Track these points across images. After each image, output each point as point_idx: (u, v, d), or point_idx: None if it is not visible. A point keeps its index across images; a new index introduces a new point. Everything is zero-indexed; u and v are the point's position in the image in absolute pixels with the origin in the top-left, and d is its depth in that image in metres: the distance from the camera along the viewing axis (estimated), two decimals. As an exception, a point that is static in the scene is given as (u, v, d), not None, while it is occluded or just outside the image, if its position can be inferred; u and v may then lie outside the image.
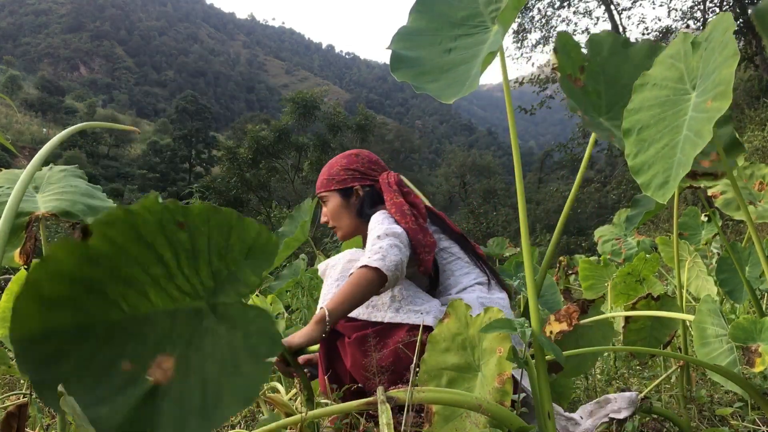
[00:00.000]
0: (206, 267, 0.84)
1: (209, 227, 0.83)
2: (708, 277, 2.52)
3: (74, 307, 0.77)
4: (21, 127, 44.65)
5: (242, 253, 0.84)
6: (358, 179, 1.81)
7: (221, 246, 0.84)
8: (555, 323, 1.44)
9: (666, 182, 1.06)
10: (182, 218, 0.81)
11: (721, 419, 1.75)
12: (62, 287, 0.76)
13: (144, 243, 0.81)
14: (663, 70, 1.21)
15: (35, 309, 0.75)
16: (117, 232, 0.79)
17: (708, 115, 1.02)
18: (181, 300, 0.83)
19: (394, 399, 1.03)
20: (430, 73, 1.22)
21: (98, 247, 0.78)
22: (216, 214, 0.82)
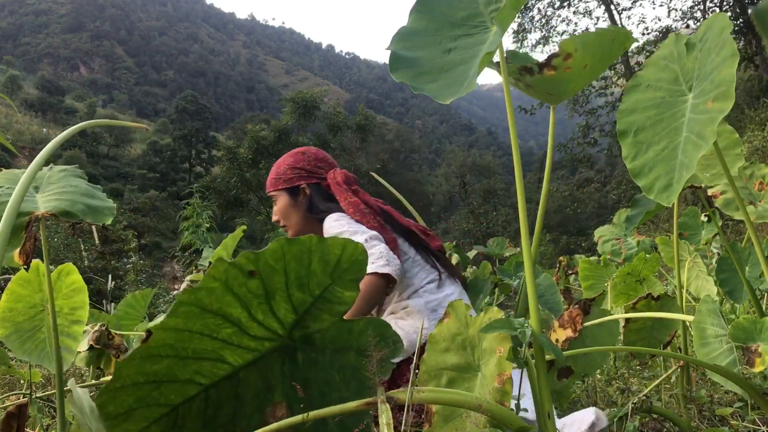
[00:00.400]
0: (284, 303, 0.80)
1: (285, 262, 0.77)
2: (708, 277, 2.52)
3: (146, 406, 0.74)
4: (21, 127, 44.65)
5: (327, 275, 0.79)
6: (305, 177, 1.80)
7: (301, 275, 0.79)
8: (560, 330, 1.42)
9: (669, 185, 1.06)
10: (253, 266, 0.76)
11: (721, 419, 1.75)
12: (128, 397, 0.74)
13: (209, 312, 0.77)
14: (656, 71, 1.21)
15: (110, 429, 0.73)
16: (178, 318, 0.75)
17: (709, 116, 1.02)
18: (260, 347, 0.79)
19: (394, 399, 1.03)
20: (429, 73, 1.21)
21: (158, 340, 0.75)
22: (291, 246, 0.77)
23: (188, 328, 0.77)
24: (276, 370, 0.78)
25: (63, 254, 12.11)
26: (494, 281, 2.85)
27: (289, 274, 0.78)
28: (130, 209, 29.85)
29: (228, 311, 0.78)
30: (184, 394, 0.76)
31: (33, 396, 1.89)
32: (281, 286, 0.78)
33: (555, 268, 3.55)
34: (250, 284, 0.78)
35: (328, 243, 0.77)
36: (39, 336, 1.88)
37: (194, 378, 0.77)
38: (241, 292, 0.77)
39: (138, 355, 0.74)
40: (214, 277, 0.76)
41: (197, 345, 0.77)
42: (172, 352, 0.76)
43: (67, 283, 1.89)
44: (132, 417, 0.74)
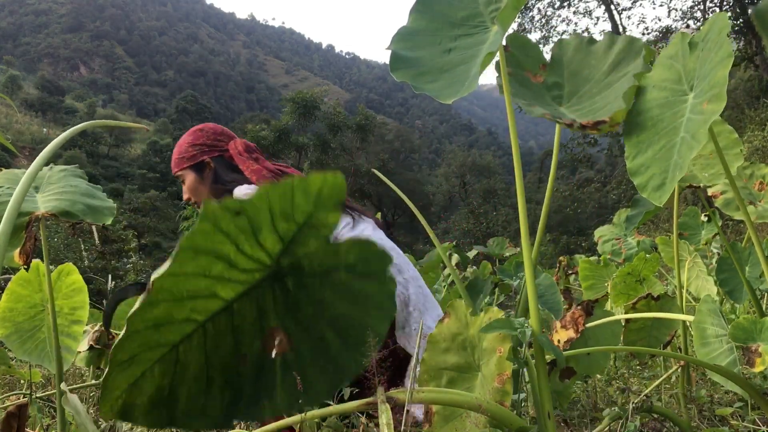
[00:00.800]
0: (271, 235, 0.83)
1: (269, 201, 0.81)
2: (708, 277, 2.52)
3: (147, 348, 0.78)
4: (21, 127, 44.64)
5: (310, 204, 0.82)
6: (207, 152, 1.86)
7: (286, 208, 0.82)
8: (561, 331, 1.42)
9: (663, 184, 1.06)
10: (238, 207, 0.79)
11: (721, 419, 1.75)
12: (131, 346, 0.77)
13: (202, 253, 0.80)
14: (662, 71, 1.21)
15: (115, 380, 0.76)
16: (175, 265, 0.77)
17: (704, 117, 1.02)
18: (251, 278, 0.83)
19: (394, 399, 1.03)
20: (430, 73, 1.21)
21: (157, 289, 0.77)
22: (275, 189, 0.80)
23: (183, 271, 0.81)
24: (268, 298, 0.82)
25: (63, 254, 12.10)
26: (494, 281, 2.85)
27: (274, 210, 0.82)
28: (130, 209, 29.85)
29: (218, 248, 0.82)
30: (182, 332, 0.80)
31: (33, 396, 1.89)
32: (267, 221, 0.82)
33: (555, 268, 3.55)
34: (238, 221, 0.82)
35: (309, 179, 0.82)
36: (39, 336, 1.88)
37: (190, 316, 0.81)
38: (230, 228, 0.81)
39: (140, 307, 0.78)
40: (206, 218, 0.81)
41: (191, 285, 0.81)
42: (169, 297, 0.80)
43: (67, 283, 1.89)
44: (135, 361, 0.78)
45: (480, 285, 2.53)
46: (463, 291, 1.75)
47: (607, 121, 1.20)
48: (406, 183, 28.16)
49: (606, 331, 1.54)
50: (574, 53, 1.43)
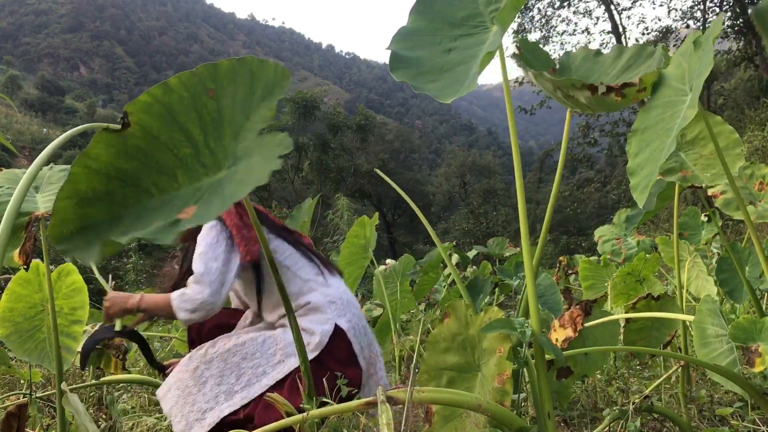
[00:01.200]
0: (229, 128, 0.93)
1: (235, 84, 0.92)
2: (708, 277, 2.52)
3: (109, 201, 0.88)
4: (21, 127, 44.61)
5: (261, 97, 0.93)
6: None
7: (245, 98, 0.93)
8: (560, 330, 1.42)
9: (646, 186, 1.06)
10: (212, 84, 0.92)
11: (721, 419, 1.75)
12: (100, 184, 0.88)
13: (177, 125, 0.91)
14: (673, 68, 1.21)
15: (72, 209, 0.86)
16: (153, 118, 0.90)
17: (680, 122, 1.03)
18: (205, 176, 0.92)
19: (394, 399, 1.03)
20: (430, 73, 1.22)
21: (135, 140, 0.89)
22: (241, 66, 0.93)
23: (158, 136, 0.91)
24: (208, 192, 0.89)
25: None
26: (494, 281, 2.85)
27: (237, 97, 0.93)
28: (130, 209, 29.73)
29: (190, 129, 0.92)
30: (139, 201, 0.89)
31: (33, 396, 1.89)
32: (229, 110, 0.93)
33: (555, 268, 3.55)
34: (209, 104, 0.93)
35: (265, 66, 0.94)
36: (39, 336, 1.88)
37: (150, 188, 0.90)
38: (203, 111, 0.92)
39: (116, 146, 0.89)
40: (185, 86, 0.92)
41: (162, 157, 0.91)
42: (142, 158, 0.90)
43: (67, 283, 1.89)
44: (96, 205, 0.87)
45: (480, 285, 2.53)
46: (463, 291, 1.75)
47: (635, 84, 1.17)
48: (406, 183, 28.14)
49: (604, 331, 1.54)
50: (582, 62, 1.45)
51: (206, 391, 1.61)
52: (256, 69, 0.94)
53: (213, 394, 1.61)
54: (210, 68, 0.92)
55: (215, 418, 1.57)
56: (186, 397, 1.62)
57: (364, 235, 2.89)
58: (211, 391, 1.61)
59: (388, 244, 26.61)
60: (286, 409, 1.25)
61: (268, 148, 0.86)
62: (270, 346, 1.67)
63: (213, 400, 1.60)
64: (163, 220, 0.83)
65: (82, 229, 0.85)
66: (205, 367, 1.65)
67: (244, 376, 1.63)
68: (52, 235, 0.84)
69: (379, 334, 3.22)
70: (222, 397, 1.60)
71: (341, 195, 18.54)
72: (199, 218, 0.82)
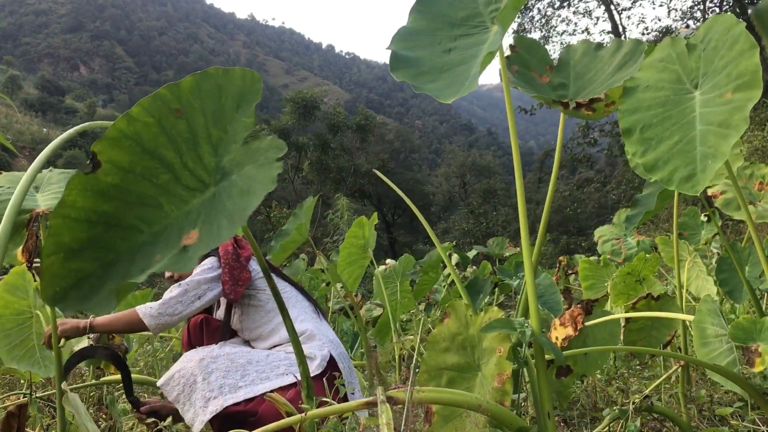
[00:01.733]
0: (207, 145, 0.90)
1: (201, 99, 0.90)
2: (708, 277, 2.52)
3: (97, 248, 0.85)
4: (21, 127, 44.60)
5: (234, 108, 0.90)
6: None
7: (216, 111, 0.90)
8: (560, 328, 1.42)
9: (693, 175, 1.07)
10: (178, 104, 0.89)
11: (721, 419, 1.75)
12: (82, 233, 0.85)
13: (148, 154, 0.88)
14: (655, 73, 1.23)
15: (60, 264, 0.82)
16: (122, 152, 0.87)
17: (733, 105, 1.05)
18: (192, 198, 0.90)
19: (394, 399, 1.03)
20: (430, 73, 1.22)
21: (108, 179, 0.86)
22: (204, 80, 0.90)
23: (132, 169, 0.88)
24: (200, 212, 0.87)
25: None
26: (494, 281, 2.85)
27: (207, 112, 0.90)
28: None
29: (163, 154, 0.89)
30: (129, 240, 0.86)
31: (33, 396, 1.89)
32: (202, 126, 0.90)
33: (555, 268, 3.55)
34: (179, 126, 0.90)
35: (230, 74, 0.90)
36: (28, 343, 1.89)
37: (137, 224, 0.87)
38: (173, 134, 0.89)
39: (91, 189, 0.85)
40: (149, 112, 0.89)
41: (140, 189, 0.87)
42: (120, 195, 0.87)
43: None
44: (84, 255, 0.83)
45: (480, 285, 2.53)
46: (463, 291, 1.75)
47: (602, 99, 1.22)
48: (406, 183, 28.14)
49: (604, 330, 1.54)
50: (581, 57, 1.45)
51: (211, 381, 1.64)
52: (222, 80, 0.90)
53: (218, 385, 1.64)
54: (173, 88, 0.89)
55: (218, 406, 1.60)
56: (192, 385, 1.65)
57: (362, 236, 2.89)
58: (216, 382, 1.64)
59: (387, 244, 26.60)
60: (286, 409, 1.25)
61: (260, 154, 0.85)
62: (274, 360, 1.74)
63: (217, 390, 1.63)
64: (165, 253, 0.81)
65: (76, 284, 0.81)
66: (212, 360, 1.68)
67: (248, 376, 1.67)
68: (44, 297, 0.80)
69: (379, 334, 3.23)
70: (226, 389, 1.63)
71: (341, 195, 18.53)
72: (205, 242, 0.79)
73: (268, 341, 1.85)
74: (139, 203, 0.87)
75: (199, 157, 0.90)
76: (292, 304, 1.90)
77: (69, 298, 0.81)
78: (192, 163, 0.90)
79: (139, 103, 0.88)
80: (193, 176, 0.90)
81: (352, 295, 3.06)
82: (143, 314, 1.74)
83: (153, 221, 0.87)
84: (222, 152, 0.90)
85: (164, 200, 0.88)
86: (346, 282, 2.96)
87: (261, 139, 0.87)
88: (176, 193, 0.89)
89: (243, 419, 1.60)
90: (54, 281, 0.81)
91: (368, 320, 3.86)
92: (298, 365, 1.35)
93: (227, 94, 0.90)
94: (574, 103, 1.24)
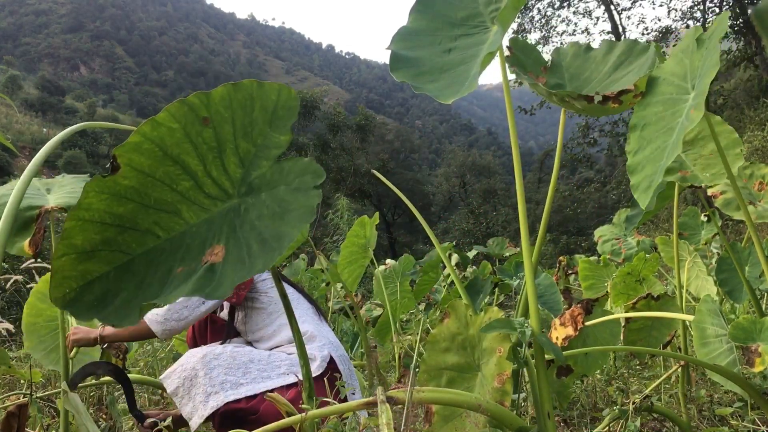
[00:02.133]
0: (233, 156, 0.87)
1: (232, 110, 0.86)
2: (708, 277, 2.52)
3: (109, 250, 0.83)
4: (21, 127, 44.56)
5: (267, 122, 0.87)
6: None
7: (246, 124, 0.87)
8: (560, 328, 1.42)
9: (649, 187, 1.06)
10: (206, 113, 0.85)
11: (721, 419, 1.75)
12: (95, 234, 0.82)
13: (170, 159, 0.85)
14: (673, 64, 1.20)
15: (71, 265, 0.80)
16: (143, 156, 0.84)
17: (687, 124, 1.01)
18: (213, 207, 0.87)
19: (394, 399, 1.03)
20: (430, 73, 1.21)
21: (126, 181, 0.84)
22: (237, 91, 0.86)
23: (151, 173, 0.84)
24: (223, 224, 0.85)
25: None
26: (494, 281, 2.85)
27: (236, 123, 0.86)
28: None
29: (186, 161, 0.86)
30: (144, 244, 0.84)
31: (33, 396, 1.90)
32: (230, 136, 0.87)
33: (555, 268, 3.55)
34: (204, 134, 0.86)
35: (266, 88, 0.87)
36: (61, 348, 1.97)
37: (153, 229, 0.84)
38: (198, 141, 0.86)
39: (107, 191, 0.82)
40: (174, 117, 0.85)
41: (159, 194, 0.84)
42: (137, 198, 0.84)
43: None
44: (96, 257, 0.81)
45: (480, 285, 2.53)
46: (462, 291, 1.75)
47: (632, 90, 1.18)
48: (405, 183, 28.14)
49: (605, 330, 1.54)
50: (572, 59, 1.45)
51: (213, 376, 1.64)
52: (255, 93, 0.87)
53: (219, 380, 1.64)
54: (202, 96, 0.86)
55: (219, 402, 1.60)
56: (193, 379, 1.65)
57: (364, 235, 2.89)
58: (218, 377, 1.64)
59: (388, 244, 26.60)
60: (286, 409, 1.25)
61: (294, 176, 0.82)
62: (275, 360, 1.75)
63: (219, 386, 1.63)
64: (186, 265, 0.77)
65: (88, 285, 0.80)
66: (214, 356, 1.69)
67: (250, 374, 1.68)
68: (55, 298, 0.78)
69: (379, 334, 3.22)
70: (228, 385, 1.63)
71: (341, 195, 18.52)
72: (233, 264, 0.75)
73: (270, 342, 1.85)
74: (156, 208, 0.85)
75: (224, 166, 0.87)
76: (294, 305, 1.90)
77: (81, 301, 0.79)
78: (216, 171, 0.87)
79: (166, 108, 0.85)
80: (216, 185, 0.87)
81: (352, 295, 3.06)
82: (150, 321, 1.76)
83: (170, 227, 0.85)
84: (249, 166, 0.87)
85: (183, 207, 0.86)
86: (346, 282, 2.96)
87: (295, 160, 0.84)
88: (197, 200, 0.86)
89: (244, 417, 1.60)
90: (64, 282, 0.79)
91: (368, 320, 3.86)
92: (301, 366, 1.34)
93: (260, 108, 0.87)
94: (600, 97, 1.19)
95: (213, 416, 1.61)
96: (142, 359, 3.17)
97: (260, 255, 0.77)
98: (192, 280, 0.77)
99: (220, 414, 1.60)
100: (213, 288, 0.75)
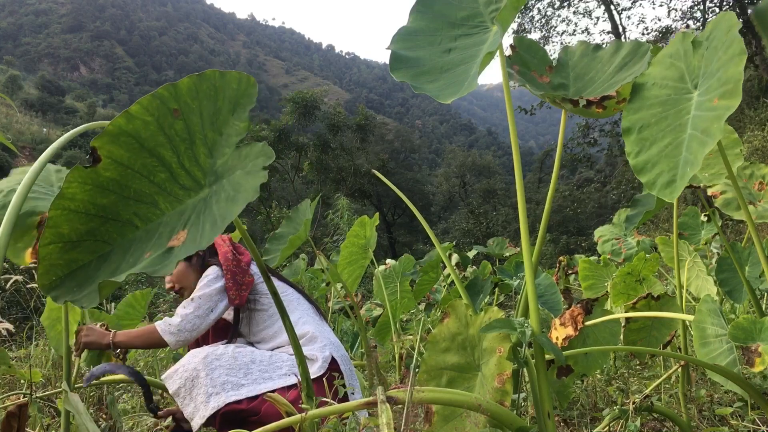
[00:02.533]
0: (203, 146, 0.91)
1: (199, 100, 0.90)
2: (708, 277, 2.52)
3: (93, 240, 0.87)
4: (21, 127, 44.57)
5: (230, 111, 0.91)
6: None
7: (212, 113, 0.91)
8: (560, 328, 1.42)
9: (673, 181, 1.06)
10: (176, 104, 0.90)
11: (721, 419, 1.75)
12: (81, 224, 0.86)
13: (147, 151, 0.89)
14: (663, 69, 1.21)
15: (58, 254, 0.84)
16: (122, 148, 0.88)
17: (716, 113, 1.02)
18: (187, 198, 0.91)
19: (394, 399, 1.03)
20: (430, 73, 1.22)
21: (108, 173, 0.88)
22: (202, 82, 0.90)
23: (130, 165, 0.89)
24: (194, 214, 0.88)
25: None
26: (494, 281, 2.85)
27: (203, 114, 0.90)
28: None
29: (161, 153, 0.90)
30: (124, 234, 0.88)
31: (33, 396, 1.90)
32: (198, 127, 0.91)
33: (555, 268, 3.55)
34: (176, 126, 0.90)
35: (228, 78, 0.91)
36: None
37: (132, 220, 0.89)
38: (171, 133, 0.90)
39: (90, 182, 0.86)
40: (148, 110, 0.89)
41: (138, 186, 0.89)
42: (118, 189, 0.88)
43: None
44: (81, 247, 0.86)
45: (480, 285, 2.53)
46: (462, 291, 1.75)
47: (614, 96, 1.20)
48: (405, 183, 28.13)
49: (605, 330, 1.54)
50: (579, 58, 1.45)
51: (214, 377, 1.65)
52: (218, 82, 0.91)
53: (221, 381, 1.64)
54: (170, 88, 0.90)
55: (220, 402, 1.60)
56: (194, 379, 1.66)
57: (364, 235, 2.89)
58: (219, 378, 1.65)
59: (388, 244, 26.60)
60: (286, 409, 1.25)
61: (249, 160, 0.85)
62: (277, 360, 1.76)
63: (220, 386, 1.64)
64: (154, 250, 0.82)
65: (71, 273, 0.83)
66: (216, 357, 1.69)
67: (251, 375, 1.69)
68: (41, 285, 0.82)
69: (379, 334, 3.22)
70: (229, 386, 1.64)
71: (341, 195, 18.52)
72: (192, 244, 0.80)
73: (272, 343, 1.86)
74: (135, 199, 0.88)
75: (195, 157, 0.91)
76: (294, 306, 1.91)
77: (63, 286, 0.83)
78: (188, 163, 0.91)
79: (138, 101, 0.89)
80: (189, 176, 0.91)
81: (352, 295, 3.06)
82: (163, 331, 1.76)
83: (148, 218, 0.88)
84: (216, 155, 0.91)
85: (160, 198, 0.89)
86: (346, 282, 2.95)
87: (252, 145, 0.88)
88: (173, 191, 0.90)
89: (245, 418, 1.60)
90: (51, 270, 0.83)
91: (368, 320, 3.86)
92: (298, 365, 1.34)
93: (223, 97, 0.91)
94: (584, 101, 1.23)
95: (214, 417, 1.61)
96: (142, 359, 3.18)
97: (207, 234, 0.81)
98: (147, 260, 0.81)
99: (222, 414, 1.60)
100: (162, 266, 0.79)
